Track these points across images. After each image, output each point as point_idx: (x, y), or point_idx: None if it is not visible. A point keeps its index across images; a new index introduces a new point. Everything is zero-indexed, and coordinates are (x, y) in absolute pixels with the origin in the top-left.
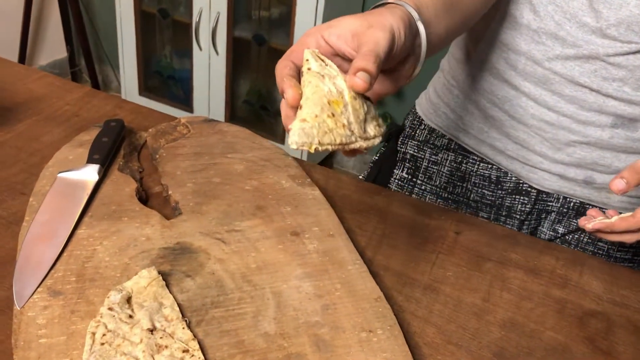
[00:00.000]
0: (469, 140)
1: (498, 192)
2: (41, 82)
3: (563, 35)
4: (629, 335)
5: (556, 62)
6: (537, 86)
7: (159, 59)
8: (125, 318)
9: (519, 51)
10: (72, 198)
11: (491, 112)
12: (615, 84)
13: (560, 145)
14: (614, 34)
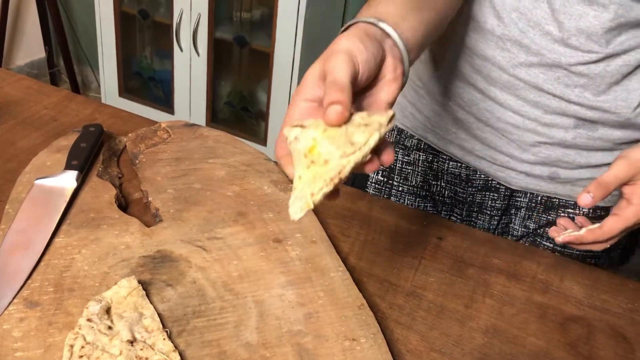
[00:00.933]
0: (438, 141)
1: (469, 189)
2: (17, 85)
3: (527, 43)
4: (609, 339)
5: (520, 69)
6: (503, 91)
7: (140, 60)
8: (104, 329)
9: (484, 57)
10: (50, 205)
11: (458, 115)
12: (577, 90)
13: (526, 146)
14: (575, 43)
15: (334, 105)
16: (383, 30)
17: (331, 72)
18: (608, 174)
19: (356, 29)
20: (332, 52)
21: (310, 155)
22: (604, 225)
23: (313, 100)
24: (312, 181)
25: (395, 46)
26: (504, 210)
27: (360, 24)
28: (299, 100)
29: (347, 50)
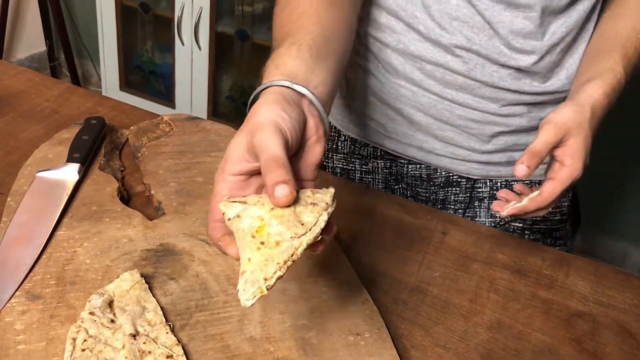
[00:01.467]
0: (395, 146)
1: (431, 188)
2: (19, 77)
3: (476, 48)
4: (615, 336)
5: (475, 71)
6: (459, 92)
7: (141, 54)
8: (107, 323)
9: (435, 63)
10: (52, 198)
11: (415, 118)
12: (527, 81)
13: (486, 137)
14: (517, 45)
15: (281, 186)
16: (298, 92)
17: (264, 148)
18: (538, 142)
19: (272, 94)
20: (257, 125)
21: (258, 235)
22: (543, 191)
23: (241, 174)
24: (263, 264)
25: (312, 105)
26: (468, 203)
27: (275, 88)
28: (226, 175)
29: (272, 122)
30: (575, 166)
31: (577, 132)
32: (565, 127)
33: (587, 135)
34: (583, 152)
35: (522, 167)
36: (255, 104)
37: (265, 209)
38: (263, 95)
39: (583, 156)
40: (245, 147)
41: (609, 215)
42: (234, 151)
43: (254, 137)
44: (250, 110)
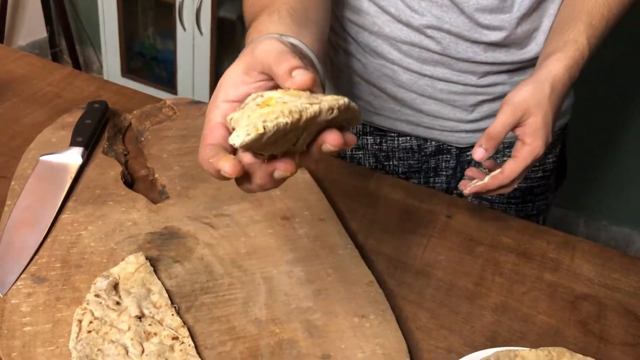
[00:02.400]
0: (384, 122)
1: (422, 158)
2: (21, 62)
3: (447, 27)
4: (620, 318)
5: (449, 49)
6: (437, 67)
7: (142, 40)
8: (112, 305)
9: (410, 43)
10: (55, 182)
11: (400, 95)
12: (504, 50)
13: (470, 107)
14: (485, 22)
15: (299, 70)
16: (289, 43)
17: (272, 51)
18: (495, 125)
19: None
20: (258, 43)
21: (266, 102)
22: (505, 169)
23: (236, 100)
24: (266, 114)
25: (304, 57)
26: (459, 169)
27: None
28: (219, 102)
29: (275, 40)
30: (535, 144)
31: (537, 110)
32: (523, 107)
33: (546, 113)
34: (543, 130)
35: (480, 150)
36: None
37: (277, 93)
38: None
39: (543, 134)
40: (243, 68)
41: (613, 201)
42: (229, 77)
43: (255, 50)
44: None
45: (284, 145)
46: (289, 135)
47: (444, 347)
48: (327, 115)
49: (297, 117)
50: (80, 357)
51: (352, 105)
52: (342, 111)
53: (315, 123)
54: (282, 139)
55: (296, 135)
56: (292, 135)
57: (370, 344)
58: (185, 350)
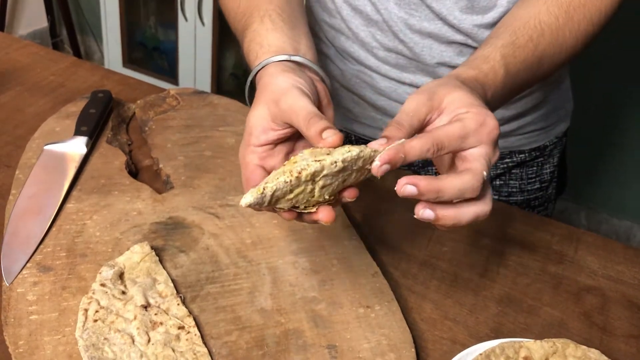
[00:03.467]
0: (365, 130)
1: (412, 168)
2: (24, 51)
3: (418, 29)
4: (624, 310)
5: (424, 54)
6: (416, 74)
7: (144, 30)
8: (118, 294)
9: (387, 48)
10: (60, 171)
11: (379, 103)
12: None
13: None
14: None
15: (328, 130)
16: (296, 62)
17: (299, 110)
18: (404, 109)
19: (276, 66)
20: (279, 92)
21: (287, 163)
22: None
23: (267, 144)
24: (272, 176)
25: (312, 71)
26: None
27: (274, 64)
28: (252, 147)
29: (294, 86)
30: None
31: (451, 89)
32: (432, 87)
33: (465, 91)
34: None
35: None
36: (264, 78)
37: (305, 153)
38: (267, 70)
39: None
40: (270, 116)
41: (614, 194)
42: (258, 122)
43: (280, 103)
44: (261, 83)
45: (304, 197)
46: (305, 188)
47: (449, 338)
48: (332, 168)
49: (295, 174)
50: (87, 346)
51: (364, 154)
52: (353, 162)
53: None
54: (299, 194)
55: (315, 188)
56: (308, 188)
57: (375, 334)
58: (191, 339)
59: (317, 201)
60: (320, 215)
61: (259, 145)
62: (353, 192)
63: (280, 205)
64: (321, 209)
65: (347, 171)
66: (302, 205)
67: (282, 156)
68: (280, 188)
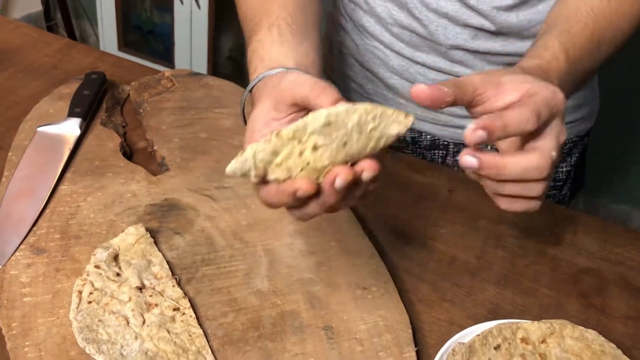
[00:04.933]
0: None
1: (417, 150)
2: (16, 32)
3: (434, 7)
4: (622, 291)
5: (437, 34)
6: (429, 54)
7: (139, 13)
8: (112, 276)
9: (402, 25)
10: (53, 153)
11: (391, 81)
12: (499, 41)
13: None
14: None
15: (341, 102)
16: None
17: (301, 83)
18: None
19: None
20: (278, 79)
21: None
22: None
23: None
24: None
25: None
26: (452, 167)
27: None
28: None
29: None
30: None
31: (529, 77)
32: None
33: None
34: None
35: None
36: (260, 89)
37: None
38: (263, 81)
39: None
40: (271, 105)
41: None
42: (259, 117)
43: (280, 84)
44: (255, 95)
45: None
46: (292, 150)
47: (446, 319)
48: (315, 124)
49: (275, 133)
50: (81, 328)
51: (359, 111)
52: (344, 118)
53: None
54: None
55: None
56: (296, 150)
57: (372, 315)
58: (186, 321)
59: (316, 169)
60: (337, 170)
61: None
62: (372, 164)
63: (273, 175)
64: (337, 166)
65: (341, 130)
66: (298, 174)
67: None
68: (261, 149)
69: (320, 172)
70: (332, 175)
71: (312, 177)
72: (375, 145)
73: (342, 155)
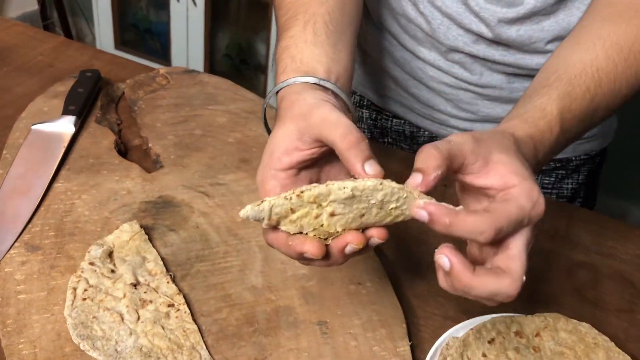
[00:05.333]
0: (378, 98)
1: (414, 146)
2: (11, 31)
3: (439, 5)
4: (616, 285)
5: (438, 32)
6: (431, 51)
7: (135, 12)
8: (107, 273)
9: (407, 17)
10: (48, 150)
11: (394, 73)
12: (499, 52)
13: (463, 104)
14: (475, 7)
15: (371, 161)
16: (325, 87)
17: (335, 123)
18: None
19: (302, 86)
20: (309, 108)
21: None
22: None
23: (291, 167)
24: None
25: (341, 100)
26: None
27: (301, 84)
28: (273, 171)
29: (325, 101)
30: (523, 186)
31: (502, 148)
32: (484, 139)
33: (518, 157)
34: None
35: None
36: (289, 96)
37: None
38: (292, 88)
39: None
40: (297, 133)
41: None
42: (281, 142)
43: (311, 116)
44: (287, 102)
45: (310, 223)
46: (309, 212)
47: (440, 313)
48: (339, 194)
49: (297, 193)
50: (76, 324)
51: (385, 189)
52: (368, 194)
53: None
54: (303, 217)
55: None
56: (313, 212)
57: (366, 310)
58: (181, 317)
59: (328, 232)
60: (349, 238)
61: (281, 169)
62: (381, 232)
63: (285, 226)
64: (349, 232)
65: (363, 204)
66: (309, 232)
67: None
68: (279, 204)
69: (331, 234)
70: (343, 242)
71: (321, 236)
72: (391, 220)
73: (357, 224)
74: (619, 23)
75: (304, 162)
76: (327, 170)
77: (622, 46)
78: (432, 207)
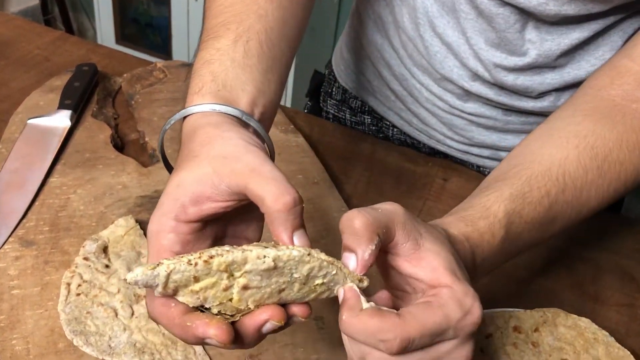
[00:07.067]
0: (378, 106)
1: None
2: (8, 25)
3: (440, 32)
4: (617, 280)
5: (434, 60)
6: (425, 75)
7: (136, 6)
8: (101, 268)
9: (408, 35)
10: (44, 145)
11: (393, 86)
12: (494, 91)
13: (457, 129)
14: (475, 46)
15: (300, 231)
16: (247, 123)
17: (263, 174)
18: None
19: (221, 117)
20: (233, 148)
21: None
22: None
23: (199, 219)
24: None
25: (259, 136)
26: None
27: (218, 116)
28: (177, 224)
29: (251, 144)
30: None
31: (432, 238)
32: (409, 222)
33: (448, 250)
34: (451, 265)
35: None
36: (204, 128)
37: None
38: (207, 117)
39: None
40: (213, 180)
41: None
42: (191, 187)
43: (237, 163)
44: (201, 134)
45: (217, 296)
46: (218, 282)
47: None
48: (258, 264)
49: (204, 259)
50: (69, 320)
51: (313, 262)
52: (292, 266)
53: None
54: (209, 288)
55: (234, 286)
56: (222, 283)
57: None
58: None
59: (236, 308)
60: (269, 313)
61: (185, 220)
62: (304, 310)
63: (183, 297)
64: (265, 307)
65: (284, 277)
66: (213, 306)
67: (210, 242)
68: (180, 270)
69: (240, 311)
70: (259, 319)
71: (228, 312)
72: (315, 297)
73: (274, 299)
74: (601, 124)
75: (215, 215)
76: (234, 225)
77: (598, 152)
78: (347, 293)
